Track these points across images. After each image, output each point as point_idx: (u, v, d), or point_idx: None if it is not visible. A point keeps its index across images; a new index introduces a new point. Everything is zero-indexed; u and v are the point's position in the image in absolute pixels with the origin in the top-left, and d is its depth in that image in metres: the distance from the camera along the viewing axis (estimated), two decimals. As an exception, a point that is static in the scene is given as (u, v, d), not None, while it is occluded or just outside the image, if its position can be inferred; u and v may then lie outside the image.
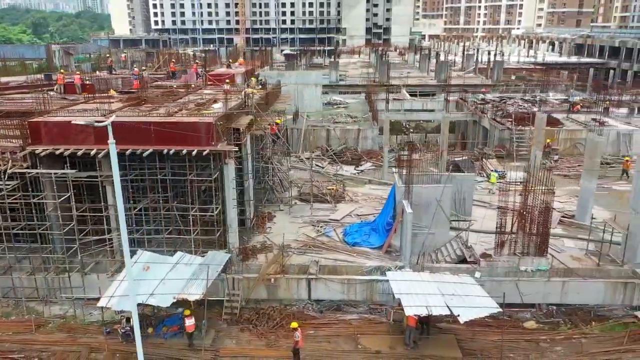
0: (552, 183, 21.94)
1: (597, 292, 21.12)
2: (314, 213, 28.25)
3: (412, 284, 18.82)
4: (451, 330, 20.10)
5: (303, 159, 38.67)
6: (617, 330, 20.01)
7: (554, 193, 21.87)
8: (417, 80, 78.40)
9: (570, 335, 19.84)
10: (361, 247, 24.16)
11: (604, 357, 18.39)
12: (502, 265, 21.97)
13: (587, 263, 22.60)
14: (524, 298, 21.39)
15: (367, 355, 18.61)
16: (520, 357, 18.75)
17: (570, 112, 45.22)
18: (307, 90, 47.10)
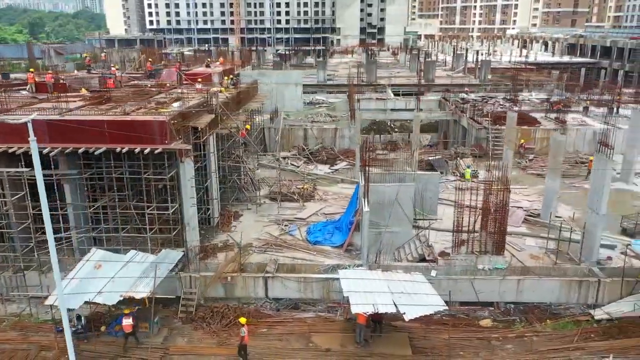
0: (508, 182, 21.99)
1: (552, 290, 21.17)
2: (282, 212, 28.29)
3: (362, 282, 18.86)
4: (405, 329, 20.12)
5: (279, 158, 38.70)
6: (569, 328, 20.06)
7: (509, 191, 21.82)
8: (404, 79, 78.51)
9: (523, 333, 19.89)
10: (322, 246, 24.22)
11: (552, 355, 18.42)
12: (459, 264, 22.03)
13: (545, 261, 22.65)
14: (480, 296, 21.45)
15: (316, 353, 18.66)
16: (470, 355, 18.79)
17: (548, 112, 45.25)
18: (288, 90, 47.14)
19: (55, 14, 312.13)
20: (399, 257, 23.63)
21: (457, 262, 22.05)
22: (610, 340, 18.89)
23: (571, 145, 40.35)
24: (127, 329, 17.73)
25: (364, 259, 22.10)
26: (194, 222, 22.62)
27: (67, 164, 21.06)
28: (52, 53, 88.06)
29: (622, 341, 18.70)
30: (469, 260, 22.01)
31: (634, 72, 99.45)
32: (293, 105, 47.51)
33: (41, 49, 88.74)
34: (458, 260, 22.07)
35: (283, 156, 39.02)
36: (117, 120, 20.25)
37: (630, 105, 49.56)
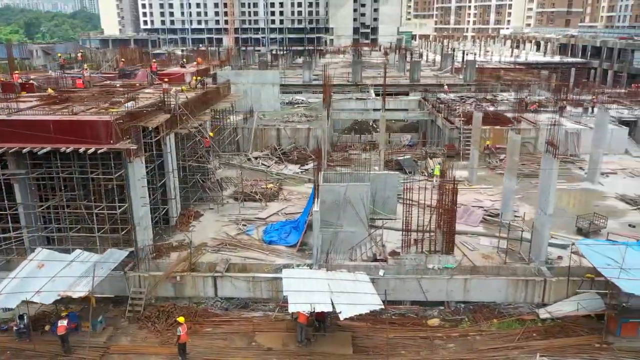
0: (455, 182, 22.08)
1: (499, 289, 21.24)
2: (244, 212, 28.36)
3: (303, 282, 18.93)
4: (351, 328, 20.21)
5: (250, 158, 38.79)
6: (513, 327, 20.13)
7: (456, 192, 21.89)
8: (390, 80, 78.56)
9: (467, 332, 19.95)
10: (277, 246, 24.29)
11: (492, 354, 18.50)
12: (409, 263, 22.09)
13: (496, 261, 22.71)
14: (427, 295, 21.52)
15: (257, 352, 18.72)
16: (410, 354, 18.86)
17: (522, 111, 45.28)
18: (265, 90, 47.19)
19: (51, 14, 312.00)
20: (353, 256, 23.69)
21: (407, 261, 22.12)
22: (551, 340, 18.97)
23: (543, 145, 40.37)
24: (60, 330, 17.73)
25: (315, 258, 22.16)
26: (145, 222, 22.69)
27: (16, 163, 21.14)
28: (40, 53, 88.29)
29: (562, 340, 18.78)
30: (418, 260, 22.08)
31: (623, 72, 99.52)
32: (270, 105, 47.56)
33: (28, 49, 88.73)
34: (408, 260, 22.13)
35: (255, 156, 39.13)
36: (62, 121, 20.34)
37: (608, 106, 49.90)
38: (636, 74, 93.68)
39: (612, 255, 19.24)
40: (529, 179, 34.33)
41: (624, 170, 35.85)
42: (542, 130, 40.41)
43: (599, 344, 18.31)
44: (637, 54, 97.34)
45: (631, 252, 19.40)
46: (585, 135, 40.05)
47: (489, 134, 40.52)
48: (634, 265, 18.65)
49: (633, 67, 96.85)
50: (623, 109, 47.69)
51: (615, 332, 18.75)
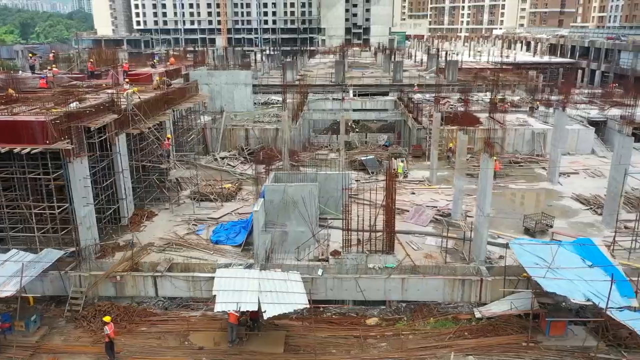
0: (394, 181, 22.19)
1: (436, 289, 21.33)
2: (199, 212, 28.49)
3: (235, 281, 19.02)
4: (286, 327, 20.35)
5: (217, 158, 38.91)
6: (447, 326, 20.23)
7: (394, 192, 22.00)
8: (373, 80, 78.81)
9: (400, 331, 20.04)
10: (223, 245, 24.39)
11: (420, 353, 18.59)
12: (350, 263, 22.20)
13: (438, 260, 22.81)
14: (365, 295, 21.61)
15: (188, 351, 18.81)
16: (341, 353, 18.95)
17: (492, 112, 45.32)
18: (237, 90, 47.33)
19: (47, 14, 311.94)
20: (300, 256, 23.78)
21: (348, 261, 22.24)
22: (481, 339, 19.05)
23: (510, 146, 40.64)
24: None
25: (256, 258, 22.27)
26: (89, 222, 22.79)
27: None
28: (25, 53, 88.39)
29: (491, 339, 18.87)
30: (359, 259, 22.20)
31: (610, 72, 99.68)
32: (243, 105, 47.70)
33: (14, 49, 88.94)
34: (349, 260, 22.25)
35: (222, 156, 39.24)
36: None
37: (580, 106, 50.09)
38: (622, 74, 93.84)
39: (543, 254, 19.35)
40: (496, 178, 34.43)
41: (587, 171, 35.95)
42: (508, 131, 40.62)
43: (526, 343, 18.40)
44: (624, 54, 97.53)
45: (562, 252, 19.52)
46: (550, 136, 40.13)
47: (455, 134, 40.58)
48: (562, 265, 18.77)
49: (619, 67, 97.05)
50: (594, 109, 47.85)
51: (545, 331, 18.82)
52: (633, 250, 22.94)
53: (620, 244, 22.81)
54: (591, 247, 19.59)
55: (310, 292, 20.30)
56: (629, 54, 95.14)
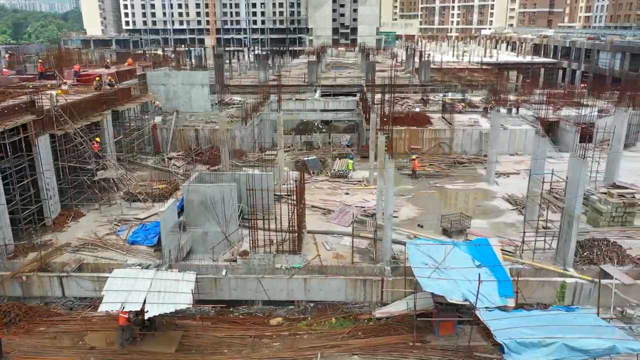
0: (302, 181, 22.31)
1: (338, 289, 21.45)
2: (129, 212, 28.62)
3: (128, 281, 19.13)
4: (187, 326, 20.47)
5: (165, 159, 39.01)
6: (345, 326, 20.34)
7: (298, 193, 22.10)
8: (348, 80, 78.88)
9: (296, 331, 20.15)
10: (140, 246, 24.49)
11: (308, 352, 18.68)
12: (258, 263, 22.31)
13: (348, 260, 22.89)
14: (269, 294, 21.74)
15: (79, 351, 18.90)
16: (232, 352, 19.06)
17: (444, 112, 45.50)
18: (194, 91, 47.41)
19: (41, 14, 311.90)
20: (214, 256, 23.88)
21: (256, 261, 22.34)
22: (371, 339, 19.17)
23: (459, 146, 40.76)
24: None
25: (165, 258, 22.38)
26: (1, 222, 22.89)
27: None
28: (4, 54, 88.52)
29: (380, 339, 18.99)
30: (266, 260, 22.31)
31: (589, 72, 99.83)
32: (200, 105, 47.80)
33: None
34: (256, 260, 22.35)
35: (170, 157, 39.34)
36: None
37: (535, 106, 50.15)
38: (601, 74, 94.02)
39: (436, 255, 19.44)
40: (431, 179, 34.60)
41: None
42: (456, 131, 40.75)
43: (412, 342, 18.51)
44: (602, 54, 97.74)
45: (456, 252, 19.62)
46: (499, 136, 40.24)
47: (405, 135, 40.77)
48: (452, 265, 18.88)
49: (598, 67, 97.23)
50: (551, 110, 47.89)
51: (435, 331, 18.94)
52: (543, 251, 23.10)
53: (528, 245, 22.99)
54: (485, 248, 19.70)
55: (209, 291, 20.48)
56: (607, 54, 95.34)
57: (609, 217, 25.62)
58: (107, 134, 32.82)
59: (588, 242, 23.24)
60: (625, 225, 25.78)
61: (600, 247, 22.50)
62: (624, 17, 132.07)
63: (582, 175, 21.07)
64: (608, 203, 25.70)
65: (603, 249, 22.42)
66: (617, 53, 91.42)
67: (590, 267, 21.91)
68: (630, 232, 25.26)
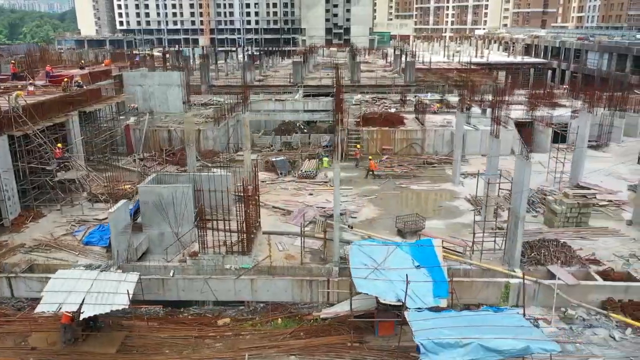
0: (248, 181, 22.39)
1: (285, 289, 21.52)
2: (90, 213, 28.71)
3: (70, 282, 19.20)
4: (132, 327, 20.52)
5: (136, 160, 39.06)
6: (289, 326, 20.40)
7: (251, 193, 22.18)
8: (332, 80, 78.93)
9: (240, 331, 20.22)
10: (94, 246, 24.59)
11: (247, 352, 18.75)
12: (207, 264, 22.38)
13: (298, 261, 22.96)
14: (217, 295, 21.81)
15: (19, 352, 18.95)
16: (173, 353, 19.12)
17: (417, 112, 45.51)
18: (170, 91, 47.45)
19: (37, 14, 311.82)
20: (167, 257, 23.97)
21: (205, 262, 22.42)
22: (312, 339, 19.23)
23: (431, 147, 40.83)
24: None
25: (114, 259, 22.46)
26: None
27: None
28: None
29: (319, 340, 19.04)
30: (216, 260, 22.38)
31: (578, 72, 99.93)
32: (177, 106, 47.83)
33: None
34: (205, 260, 22.43)
35: (140, 157, 39.40)
36: None
37: (513, 107, 50.14)
38: (589, 74, 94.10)
39: (377, 255, 19.51)
40: (398, 179, 34.70)
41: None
42: (428, 132, 40.82)
43: (350, 343, 18.58)
44: (591, 54, 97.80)
45: (398, 253, 19.68)
46: (470, 137, 40.41)
47: (376, 135, 40.85)
48: (392, 266, 18.94)
49: (587, 68, 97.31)
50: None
51: (375, 331, 19.01)
52: (494, 251, 23.19)
53: (480, 245, 23.08)
54: (427, 249, 19.76)
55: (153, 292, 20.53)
56: (595, 54, 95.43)
57: (563, 217, 25.69)
58: (73, 134, 32.89)
59: (538, 242, 23.33)
60: (580, 225, 25.86)
61: (549, 248, 22.57)
62: (615, 18, 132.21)
63: (527, 176, 21.18)
64: (562, 204, 25.77)
65: (551, 250, 22.48)
66: (604, 53, 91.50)
67: (538, 267, 22.00)
68: (585, 232, 25.33)
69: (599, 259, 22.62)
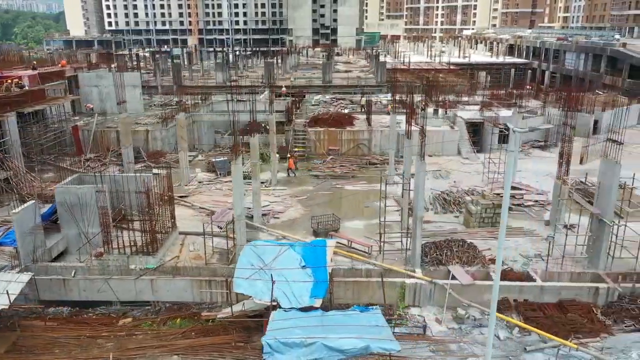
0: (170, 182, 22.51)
1: (185, 289, 21.62)
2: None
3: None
4: (29, 327, 20.64)
5: (82, 160, 39.18)
6: (183, 326, 20.52)
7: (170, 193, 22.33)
8: (305, 81, 79.09)
9: (132, 331, 20.32)
10: (7, 247, 24.68)
11: (133, 352, 18.86)
12: (112, 264, 22.49)
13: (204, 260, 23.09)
14: (118, 295, 21.91)
15: None
16: (63, 353, 19.22)
17: (366, 112, 45.57)
18: (127, 92, 47.46)
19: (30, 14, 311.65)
20: (80, 257, 24.08)
21: (110, 262, 22.53)
22: (201, 338, 19.36)
23: (377, 147, 40.95)
24: None
25: (20, 259, 22.55)
26: None
27: None
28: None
29: (205, 339, 19.16)
30: (121, 261, 22.49)
31: (557, 73, 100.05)
32: (133, 106, 47.83)
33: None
34: (111, 261, 22.54)
35: (88, 158, 39.53)
36: None
37: (468, 107, 50.33)
38: (567, 75, 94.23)
39: (268, 256, 19.62)
40: (335, 180, 34.83)
41: (438, 172, 36.25)
42: (374, 132, 40.94)
43: (234, 342, 18.70)
44: (569, 54, 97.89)
45: (289, 253, 19.79)
46: (414, 137, 40.39)
47: (323, 136, 40.97)
48: (279, 266, 19.05)
49: (565, 68, 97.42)
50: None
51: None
52: (401, 252, 23.32)
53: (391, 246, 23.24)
54: (319, 249, 19.87)
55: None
56: (572, 54, 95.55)
57: (478, 218, 25.80)
58: (9, 134, 32.98)
59: (444, 243, 23.42)
60: (496, 226, 25.93)
61: (452, 248, 22.68)
62: (599, 18, 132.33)
63: (421, 177, 21.31)
64: (478, 204, 25.88)
65: (454, 250, 22.59)
66: (581, 53, 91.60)
67: (439, 267, 22.11)
68: (499, 232, 25.37)
69: (502, 259, 22.67)
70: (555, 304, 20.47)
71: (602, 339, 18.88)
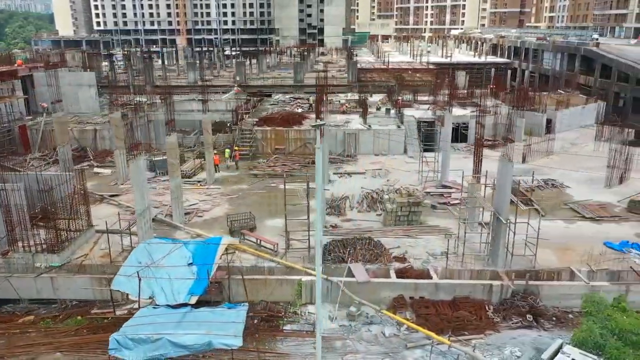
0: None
1: (84, 287, 21.69)
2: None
3: None
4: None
5: (27, 159, 39.26)
6: (79, 323, 20.59)
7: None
8: (279, 80, 79.15)
9: (27, 328, 20.40)
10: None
11: (19, 349, 18.91)
12: (18, 262, 22.56)
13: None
14: (20, 293, 21.98)
15: None
16: None
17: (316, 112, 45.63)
18: (82, 91, 47.68)
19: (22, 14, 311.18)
20: None
21: (17, 260, 22.59)
22: (90, 336, 19.41)
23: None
24: None
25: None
26: None
27: None
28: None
29: (94, 337, 19.23)
30: (26, 259, 22.56)
31: (535, 72, 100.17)
32: (88, 106, 48.06)
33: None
34: (16, 258, 22.60)
35: (33, 157, 39.61)
36: None
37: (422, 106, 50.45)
38: (545, 74, 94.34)
39: (159, 253, 19.69)
40: (273, 179, 34.91)
41: (378, 171, 36.32)
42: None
43: (118, 340, 18.75)
44: (546, 54, 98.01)
45: (180, 251, 19.84)
46: (363, 137, 40.64)
47: (270, 135, 41.05)
48: (167, 264, 19.11)
49: (543, 68, 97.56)
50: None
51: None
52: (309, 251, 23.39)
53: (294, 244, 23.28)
54: (211, 247, 19.95)
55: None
56: (549, 54, 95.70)
57: (394, 215, 25.87)
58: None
59: (349, 240, 23.49)
60: (412, 223, 26.04)
61: (355, 246, 22.75)
62: (582, 18, 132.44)
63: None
64: (394, 202, 25.95)
65: (357, 248, 22.67)
66: (557, 53, 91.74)
67: (341, 265, 22.17)
68: (413, 231, 25.50)
69: (406, 257, 22.79)
70: (450, 302, 20.55)
71: (486, 335, 18.97)
